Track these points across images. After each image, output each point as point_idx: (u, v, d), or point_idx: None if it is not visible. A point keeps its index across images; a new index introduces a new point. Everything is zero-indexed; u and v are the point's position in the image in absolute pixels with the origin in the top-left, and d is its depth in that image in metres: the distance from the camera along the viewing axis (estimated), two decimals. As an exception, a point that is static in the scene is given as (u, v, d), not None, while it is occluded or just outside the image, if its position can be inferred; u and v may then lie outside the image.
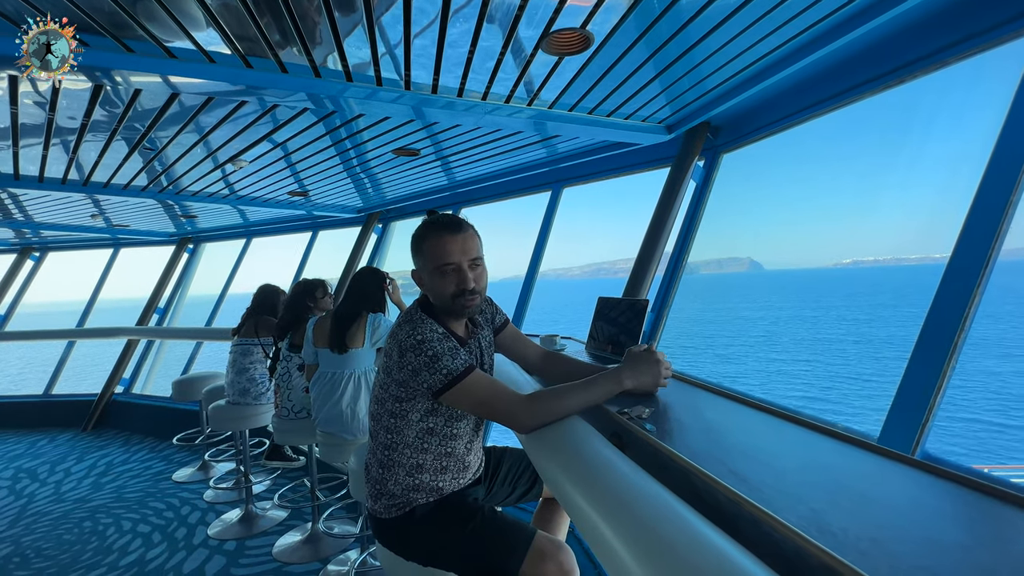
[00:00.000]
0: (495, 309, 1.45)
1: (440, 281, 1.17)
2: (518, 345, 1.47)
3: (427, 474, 1.21)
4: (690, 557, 0.58)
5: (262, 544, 2.80)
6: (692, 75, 1.83)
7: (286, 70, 1.69)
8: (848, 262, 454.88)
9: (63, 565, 2.69)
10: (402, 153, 2.77)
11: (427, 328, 1.14)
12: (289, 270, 5.71)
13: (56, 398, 5.75)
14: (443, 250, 1.16)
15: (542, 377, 1.51)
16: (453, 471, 1.24)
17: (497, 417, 1.14)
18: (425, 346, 1.11)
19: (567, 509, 0.91)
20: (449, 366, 1.10)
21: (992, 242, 1.20)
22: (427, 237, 1.19)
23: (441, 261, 1.16)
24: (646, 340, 2.38)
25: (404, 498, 1.21)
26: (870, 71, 1.64)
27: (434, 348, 1.11)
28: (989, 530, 0.61)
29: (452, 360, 1.10)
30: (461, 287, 1.17)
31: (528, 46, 1.58)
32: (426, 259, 1.19)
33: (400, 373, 1.15)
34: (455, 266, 1.16)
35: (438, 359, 1.10)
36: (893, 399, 1.28)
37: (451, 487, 1.24)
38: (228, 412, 3.06)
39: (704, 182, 2.40)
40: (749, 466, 0.80)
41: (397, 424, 1.20)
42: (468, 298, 1.17)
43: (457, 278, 1.17)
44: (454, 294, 1.17)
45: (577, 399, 1.10)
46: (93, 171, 2.91)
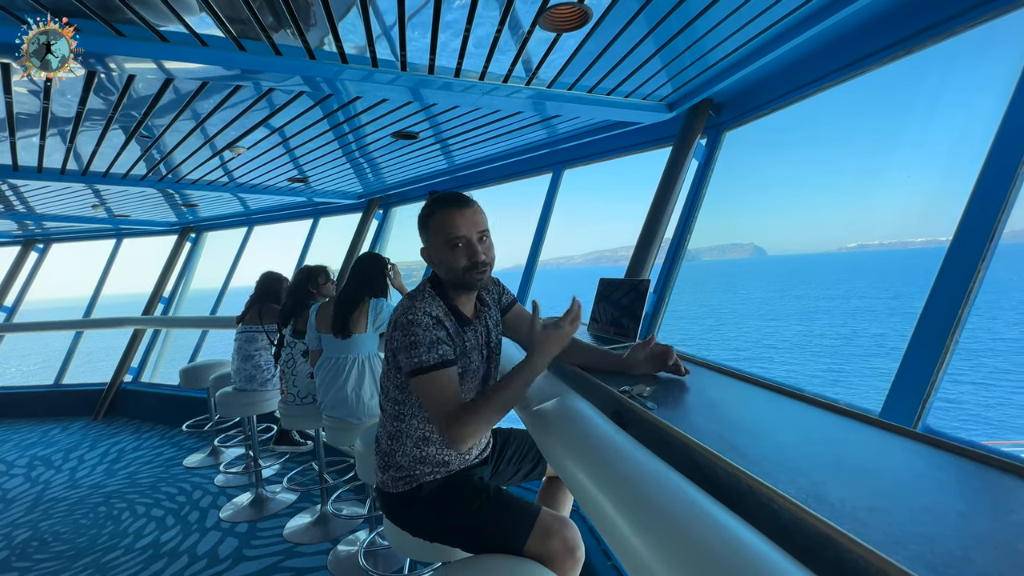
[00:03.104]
0: (502, 289, 1.46)
1: (451, 255, 1.18)
2: (523, 327, 1.47)
3: (433, 447, 1.24)
4: (690, 529, 0.59)
5: (273, 526, 2.86)
6: (693, 50, 1.79)
7: (280, 53, 1.67)
8: (853, 246, 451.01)
9: (81, 548, 2.76)
10: (401, 137, 2.74)
11: (421, 311, 1.15)
12: (291, 258, 5.72)
13: (67, 388, 5.83)
14: (452, 224, 1.17)
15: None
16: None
17: (432, 421, 1.17)
18: (411, 328, 1.14)
19: (569, 486, 0.92)
20: (423, 356, 1.12)
21: (997, 217, 1.19)
22: (434, 213, 1.20)
23: (451, 235, 1.17)
24: (648, 321, 2.38)
25: (411, 471, 1.23)
26: (876, 42, 1.60)
27: (417, 335, 1.13)
28: (989, 499, 0.61)
29: (428, 351, 1.12)
30: (472, 259, 1.18)
31: (525, 22, 1.54)
32: (435, 235, 1.20)
33: (392, 344, 1.19)
34: (465, 239, 1.17)
35: (416, 346, 1.12)
36: (895, 374, 1.28)
37: (457, 462, 1.27)
38: (235, 398, 3.10)
39: (707, 161, 2.36)
40: (749, 441, 0.80)
41: (403, 396, 1.23)
42: (480, 270, 1.19)
43: (468, 251, 1.18)
44: (466, 267, 1.18)
45: (499, 401, 1.11)
46: (91, 160, 2.90)
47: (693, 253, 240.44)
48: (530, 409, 1.20)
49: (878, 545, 0.48)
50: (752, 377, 1.18)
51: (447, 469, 1.25)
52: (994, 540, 0.51)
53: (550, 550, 1.11)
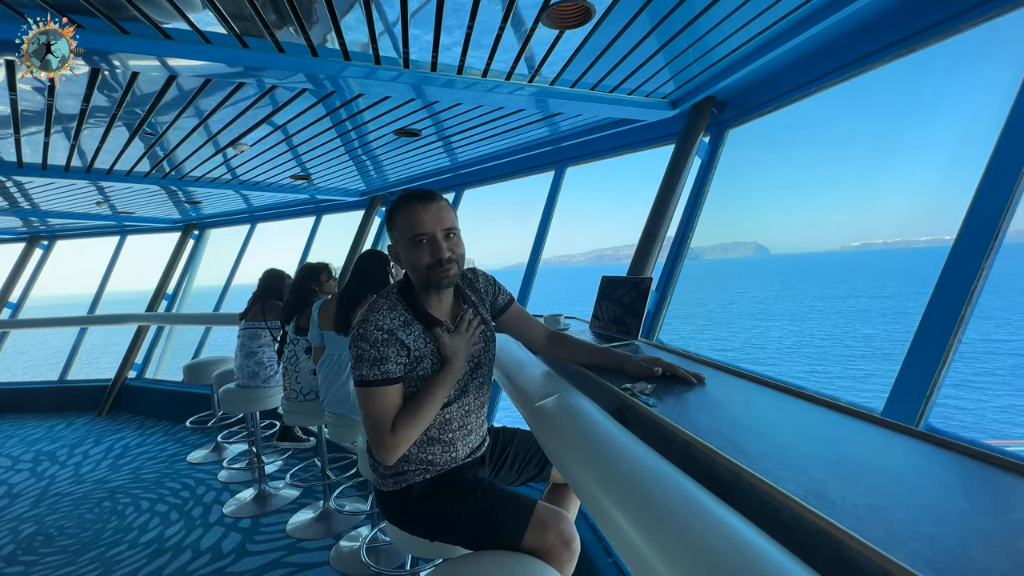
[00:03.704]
0: (497, 288, 1.42)
1: (415, 252, 1.16)
2: (523, 326, 1.45)
3: (415, 447, 1.22)
4: (691, 526, 0.59)
5: (276, 521, 2.88)
6: (697, 47, 1.79)
7: (283, 50, 1.67)
8: (856, 244, 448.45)
9: (85, 542, 2.78)
10: (403, 134, 2.74)
11: (373, 324, 1.14)
12: (294, 255, 5.74)
13: (71, 383, 5.87)
14: (416, 220, 1.15)
15: (548, 358, 1.50)
16: (443, 443, 1.24)
17: (368, 437, 1.17)
18: (359, 343, 1.14)
19: (571, 482, 0.92)
20: (364, 371, 1.12)
21: (1001, 215, 1.18)
22: (399, 210, 1.18)
23: (414, 232, 1.15)
24: (649, 320, 2.37)
25: (397, 469, 1.22)
26: (880, 39, 1.60)
27: (363, 349, 1.13)
28: (990, 497, 0.61)
29: (370, 367, 1.12)
30: (436, 256, 1.15)
31: (528, 19, 1.54)
32: (400, 232, 1.18)
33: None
34: (429, 235, 1.15)
35: (361, 360, 1.13)
36: (898, 372, 1.28)
37: (442, 461, 1.24)
38: (238, 395, 3.11)
39: (709, 159, 2.36)
40: (750, 439, 0.81)
41: None
42: (445, 267, 1.16)
43: (431, 248, 1.15)
44: (429, 264, 1.15)
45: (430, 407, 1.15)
46: (95, 157, 2.91)
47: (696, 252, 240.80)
48: (532, 406, 1.20)
49: (879, 543, 0.48)
50: (754, 375, 1.17)
51: (435, 468, 1.23)
52: (994, 538, 0.51)
53: (547, 543, 1.11)
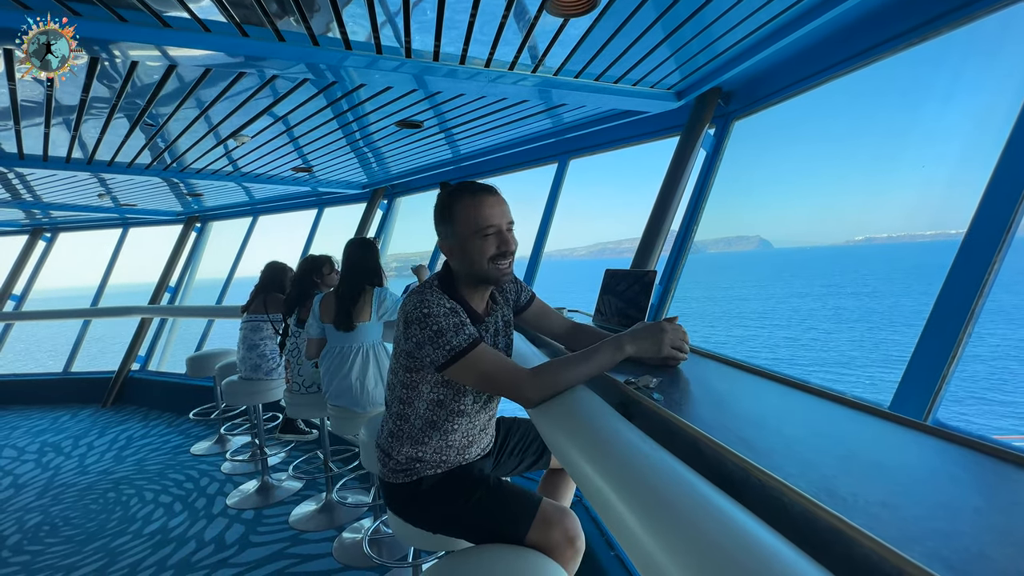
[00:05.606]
0: (520, 287, 1.43)
1: (481, 245, 1.13)
2: (546, 321, 1.46)
3: (431, 449, 1.22)
4: (697, 521, 0.58)
5: (279, 513, 2.89)
6: (703, 37, 1.75)
7: (283, 39, 1.64)
8: (860, 239, 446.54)
9: (90, 533, 2.80)
10: (405, 125, 2.72)
11: (434, 302, 1.12)
12: (296, 248, 5.73)
13: (76, 375, 5.90)
14: (485, 213, 1.13)
15: (570, 349, 1.50)
16: (458, 447, 1.25)
17: (502, 391, 1.13)
18: (430, 320, 1.10)
19: (574, 476, 0.91)
20: (452, 341, 1.09)
21: (1014, 209, 1.16)
22: (461, 201, 1.15)
23: (483, 223, 1.12)
24: (653, 313, 2.36)
25: (409, 467, 1.23)
26: (888, 29, 1.56)
27: (438, 323, 1.09)
28: (1005, 494, 0.60)
29: (456, 335, 1.09)
30: (503, 249, 1.14)
31: (532, 8, 1.51)
32: (462, 224, 1.14)
33: (407, 344, 1.15)
34: (496, 228, 1.13)
35: (442, 334, 1.09)
36: (906, 367, 1.26)
37: (456, 460, 1.25)
38: (241, 387, 3.12)
39: (715, 150, 2.33)
40: (758, 434, 0.79)
41: (408, 395, 1.21)
42: (507, 262, 1.16)
43: (498, 240, 1.14)
44: (494, 256, 1.14)
45: (581, 369, 1.09)
46: (96, 149, 2.90)
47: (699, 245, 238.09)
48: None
49: (893, 541, 0.47)
50: (759, 369, 1.16)
51: (447, 465, 1.24)
52: (1012, 536, 0.50)
53: (551, 540, 1.11)
